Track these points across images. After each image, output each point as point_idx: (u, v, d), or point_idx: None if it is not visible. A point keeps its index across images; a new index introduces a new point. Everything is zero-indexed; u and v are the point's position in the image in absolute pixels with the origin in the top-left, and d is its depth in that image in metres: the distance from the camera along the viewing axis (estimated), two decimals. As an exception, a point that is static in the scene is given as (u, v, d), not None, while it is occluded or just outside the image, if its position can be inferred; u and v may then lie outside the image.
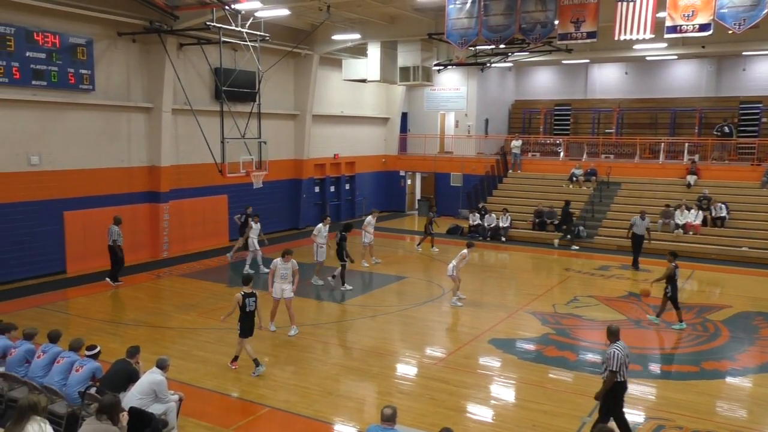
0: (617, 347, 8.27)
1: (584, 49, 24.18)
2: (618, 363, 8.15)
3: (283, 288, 12.72)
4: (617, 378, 8.19)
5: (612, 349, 8.28)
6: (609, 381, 8.21)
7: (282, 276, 12.67)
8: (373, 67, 23.97)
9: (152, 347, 11.89)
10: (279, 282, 12.70)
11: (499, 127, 33.71)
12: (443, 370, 11.35)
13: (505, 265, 21.14)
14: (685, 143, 26.88)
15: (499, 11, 15.60)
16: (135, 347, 8.74)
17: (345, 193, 29.27)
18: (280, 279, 12.69)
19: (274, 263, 12.80)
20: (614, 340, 8.40)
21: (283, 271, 12.67)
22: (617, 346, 8.29)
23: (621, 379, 8.24)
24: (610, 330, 8.56)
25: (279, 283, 12.71)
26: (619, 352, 8.20)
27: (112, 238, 16.69)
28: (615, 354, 8.19)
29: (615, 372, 8.15)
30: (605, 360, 8.36)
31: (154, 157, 19.87)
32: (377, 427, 6.66)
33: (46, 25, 16.61)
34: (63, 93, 17.22)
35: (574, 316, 14.66)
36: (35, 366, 8.74)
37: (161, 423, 7.81)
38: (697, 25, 13.66)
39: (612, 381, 8.19)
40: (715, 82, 30.01)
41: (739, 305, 15.74)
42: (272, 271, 12.79)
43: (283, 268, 12.67)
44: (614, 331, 8.51)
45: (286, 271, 12.71)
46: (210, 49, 20.05)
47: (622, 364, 8.19)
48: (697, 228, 22.12)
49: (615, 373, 8.15)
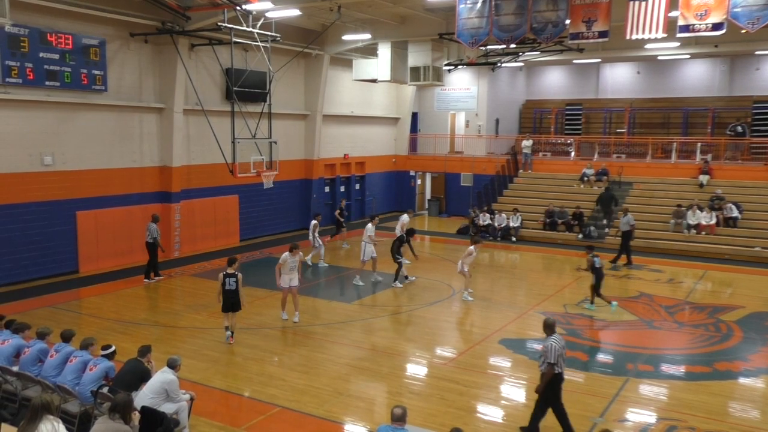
0: (554, 340, 8.50)
1: (596, 48, 24.09)
2: (556, 355, 8.37)
3: (291, 278, 13.70)
4: (555, 370, 8.39)
5: (549, 342, 8.51)
6: (548, 373, 8.42)
7: (291, 268, 13.66)
8: (384, 67, 23.96)
9: (163, 347, 11.96)
10: (288, 273, 13.67)
11: (510, 126, 33.63)
12: (453, 370, 11.34)
13: (515, 265, 21.09)
14: (697, 143, 26.69)
15: (510, 11, 15.55)
16: (146, 346, 8.79)
17: (355, 193, 29.28)
18: (289, 271, 13.67)
19: (284, 257, 13.55)
20: (550, 333, 8.65)
21: (291, 263, 13.62)
22: (553, 339, 8.53)
23: (559, 370, 8.45)
24: (546, 323, 8.79)
25: (287, 275, 13.67)
26: (555, 345, 8.44)
27: (152, 236, 17.10)
28: (552, 347, 8.42)
29: (553, 364, 8.37)
30: (542, 353, 8.56)
31: (166, 158, 19.97)
32: (388, 427, 6.67)
33: (60, 26, 16.74)
34: (76, 93, 17.34)
35: (585, 317, 14.60)
36: (48, 365, 8.81)
37: (173, 422, 7.85)
38: (710, 25, 13.56)
39: (551, 373, 8.39)
40: (728, 81, 29.80)
41: (751, 306, 15.62)
42: (280, 264, 13.61)
43: (292, 261, 13.62)
44: (550, 324, 8.75)
45: (295, 263, 13.69)
46: (221, 49, 20.13)
47: (560, 356, 8.42)
48: (712, 228, 21.95)
49: (553, 365, 8.37)
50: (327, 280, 18.23)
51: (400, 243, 17.52)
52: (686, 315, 15.00)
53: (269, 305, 15.08)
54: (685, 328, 14.01)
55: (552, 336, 8.57)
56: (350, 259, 20.88)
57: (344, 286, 17.53)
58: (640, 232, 22.49)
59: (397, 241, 17.60)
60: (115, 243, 18.73)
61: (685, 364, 11.87)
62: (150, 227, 17.18)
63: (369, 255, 17.47)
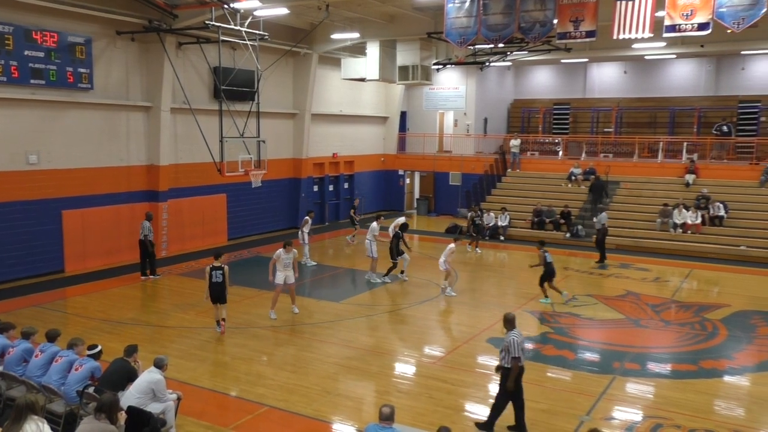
0: (514, 335, 8.69)
1: (583, 48, 24.21)
2: (518, 349, 8.56)
3: (286, 275, 13.90)
4: (520, 363, 8.59)
5: (510, 337, 8.70)
6: (515, 368, 8.59)
7: (285, 265, 13.87)
8: (372, 66, 23.95)
9: (150, 346, 11.90)
10: (282, 270, 13.86)
11: (498, 126, 33.72)
12: (442, 369, 11.36)
13: (503, 264, 21.14)
14: (683, 142, 26.89)
15: (498, 10, 15.57)
16: (132, 346, 8.72)
17: (344, 192, 29.25)
18: (284, 268, 13.87)
19: (277, 254, 13.74)
20: (510, 328, 8.84)
21: (286, 260, 13.83)
22: (514, 333, 8.72)
23: (521, 363, 8.67)
24: (506, 318, 8.96)
25: (282, 272, 13.87)
26: (517, 339, 8.63)
27: (143, 233, 17.21)
28: (514, 341, 8.62)
29: (518, 358, 8.54)
30: (504, 349, 8.75)
31: (153, 156, 19.86)
32: (376, 426, 6.66)
33: (45, 23, 16.60)
34: (61, 92, 17.21)
35: (573, 315, 14.67)
36: (33, 365, 8.73)
37: (159, 422, 7.81)
38: (696, 25, 13.64)
39: (518, 367, 8.58)
40: (714, 81, 30.01)
41: (737, 304, 15.76)
42: (274, 261, 13.78)
43: (286, 257, 13.86)
44: (510, 319, 8.92)
45: (289, 260, 13.91)
46: (209, 48, 20.04)
47: (522, 349, 8.63)
48: (697, 228, 22.13)
49: (518, 358, 8.54)
50: (314, 279, 18.19)
51: (397, 241, 17.65)
52: (672, 313, 15.11)
53: (257, 304, 15.04)
54: (671, 326, 14.11)
55: (512, 331, 8.76)
56: (340, 258, 20.88)
57: (333, 285, 17.51)
58: (627, 231, 22.71)
59: (394, 239, 17.72)
60: (102, 242, 18.61)
61: (671, 363, 11.96)
62: (143, 225, 17.29)
63: (375, 252, 17.79)
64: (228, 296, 12.94)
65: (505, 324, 8.91)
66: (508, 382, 8.71)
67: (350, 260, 20.44)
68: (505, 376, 8.71)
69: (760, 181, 23.53)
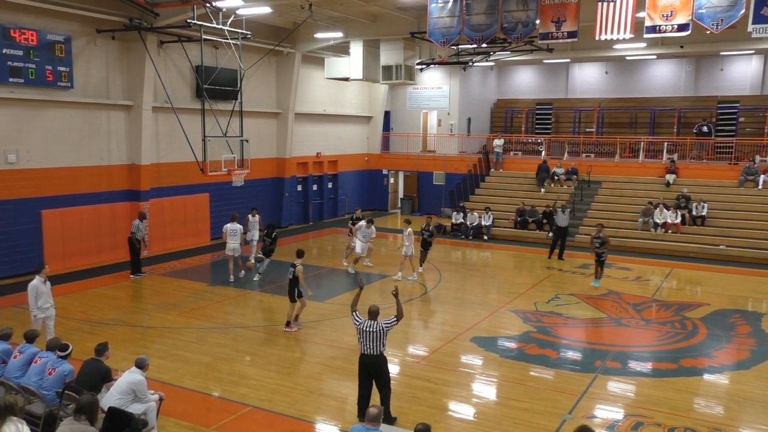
0: (368, 324, 9.17)
1: (565, 48, 24.37)
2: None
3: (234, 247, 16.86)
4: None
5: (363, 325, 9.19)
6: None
7: (231, 234, 16.83)
8: (356, 65, 23.92)
9: (132, 347, 11.80)
10: (230, 240, 16.92)
11: (482, 126, 33.84)
12: (425, 369, 11.37)
13: (487, 263, 21.22)
14: (664, 142, 27.16)
15: (480, 10, 15.64)
16: (103, 344, 8.58)
17: (328, 191, 29.20)
18: (231, 236, 16.97)
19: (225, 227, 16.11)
20: (373, 320, 9.25)
21: (232, 231, 16.72)
22: (369, 323, 9.18)
23: (361, 350, 9.13)
24: (369, 311, 9.35)
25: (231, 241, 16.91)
26: (368, 328, 9.11)
27: (132, 230, 17.30)
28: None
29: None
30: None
31: (135, 156, 19.68)
32: (361, 428, 6.59)
33: (24, 21, 16.38)
34: (41, 90, 17.00)
35: (555, 314, 14.76)
36: (12, 366, 8.62)
37: (141, 423, 7.75)
38: (676, 26, 13.78)
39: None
40: (694, 81, 30.35)
41: (716, 303, 15.94)
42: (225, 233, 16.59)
43: (232, 229, 16.84)
44: (374, 311, 9.32)
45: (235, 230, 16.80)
46: (191, 46, 19.89)
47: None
48: (678, 227, 22.36)
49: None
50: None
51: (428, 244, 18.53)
52: (653, 312, 15.26)
53: (240, 304, 14.96)
54: (652, 325, 14.24)
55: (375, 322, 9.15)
56: (323, 258, 20.84)
57: (317, 285, 17.44)
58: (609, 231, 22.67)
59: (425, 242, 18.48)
60: (83, 242, 18.42)
61: (652, 361, 12.07)
62: (134, 223, 17.39)
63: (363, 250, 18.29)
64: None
65: (369, 316, 9.26)
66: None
67: (333, 260, 20.39)
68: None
69: (739, 181, 23.83)
